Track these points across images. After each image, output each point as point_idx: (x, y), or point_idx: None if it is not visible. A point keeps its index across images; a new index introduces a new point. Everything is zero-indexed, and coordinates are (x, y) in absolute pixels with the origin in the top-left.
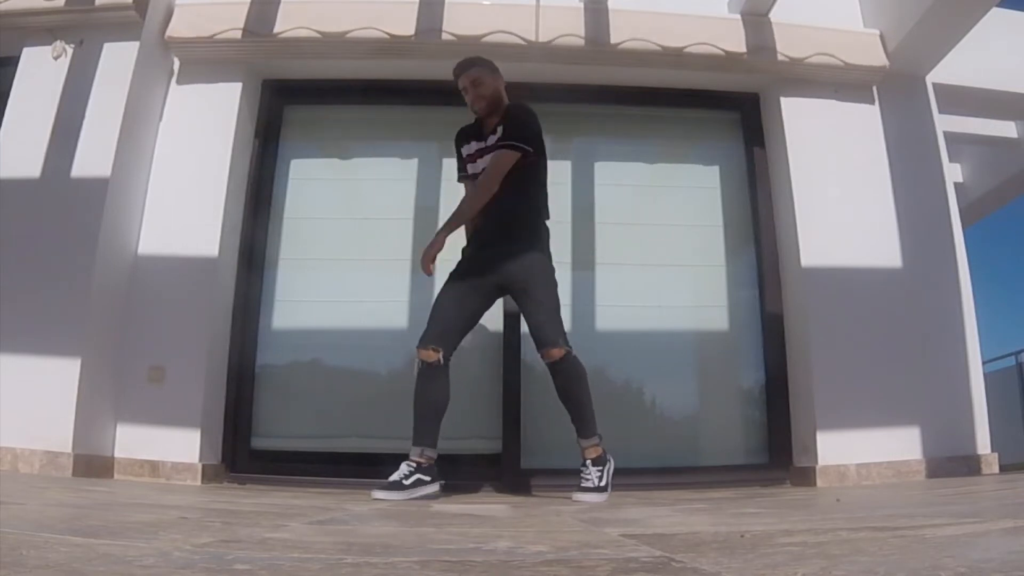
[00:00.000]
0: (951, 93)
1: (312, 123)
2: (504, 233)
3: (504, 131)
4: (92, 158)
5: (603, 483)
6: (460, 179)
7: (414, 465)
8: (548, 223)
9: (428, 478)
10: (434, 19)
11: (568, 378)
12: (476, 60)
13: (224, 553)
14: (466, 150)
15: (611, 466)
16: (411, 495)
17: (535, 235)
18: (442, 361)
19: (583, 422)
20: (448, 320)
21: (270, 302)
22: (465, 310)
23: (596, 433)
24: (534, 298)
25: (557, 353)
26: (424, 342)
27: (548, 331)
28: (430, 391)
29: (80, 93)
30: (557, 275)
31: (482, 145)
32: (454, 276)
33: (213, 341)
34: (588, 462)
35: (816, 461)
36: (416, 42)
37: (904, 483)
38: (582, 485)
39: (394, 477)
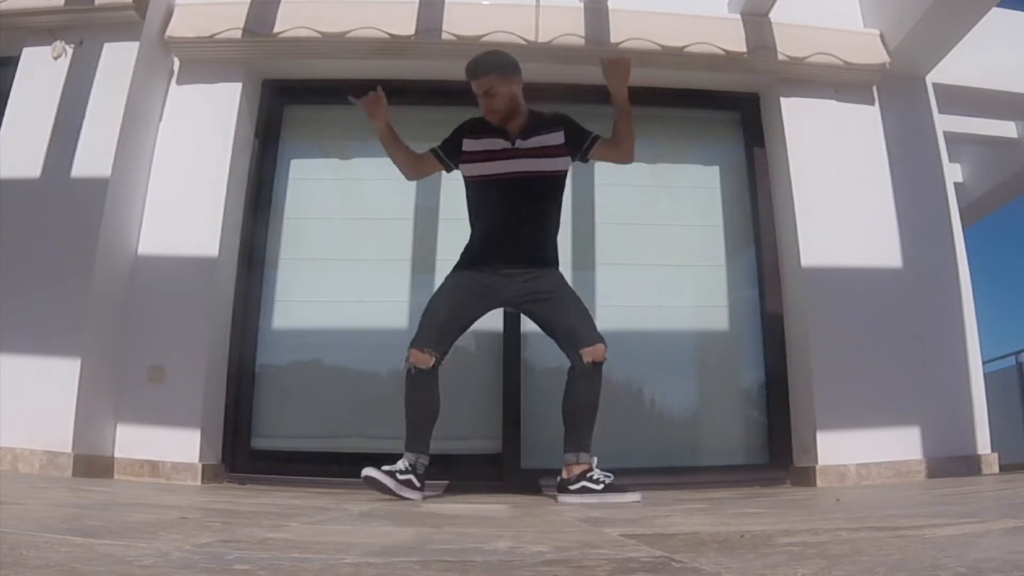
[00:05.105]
0: (951, 93)
1: (312, 123)
2: (534, 249)
3: (575, 131)
4: (92, 158)
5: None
6: (433, 152)
7: (411, 467)
8: None
9: (418, 485)
10: (434, 19)
11: (598, 382)
12: (488, 66)
13: (224, 553)
14: (482, 144)
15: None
16: (397, 491)
17: (557, 255)
18: (436, 366)
19: (590, 433)
20: (445, 325)
21: (270, 302)
22: (463, 320)
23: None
24: (563, 302)
25: (602, 351)
26: (419, 343)
27: (587, 330)
28: (424, 397)
29: (80, 93)
30: None
31: (509, 146)
32: (459, 284)
33: (213, 341)
34: (595, 459)
35: (816, 461)
36: (416, 42)
37: (904, 483)
38: (611, 484)
39: (390, 468)
